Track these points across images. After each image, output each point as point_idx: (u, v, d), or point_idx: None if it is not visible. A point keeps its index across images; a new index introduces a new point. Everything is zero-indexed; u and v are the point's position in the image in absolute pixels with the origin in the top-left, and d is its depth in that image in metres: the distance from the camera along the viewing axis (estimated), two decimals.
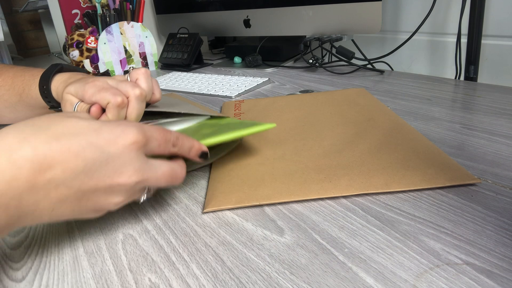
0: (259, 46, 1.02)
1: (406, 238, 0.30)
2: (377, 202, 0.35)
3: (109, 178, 0.29)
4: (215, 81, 0.84)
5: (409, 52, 0.93)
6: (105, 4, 1.05)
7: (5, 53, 1.23)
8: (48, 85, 0.49)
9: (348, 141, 0.46)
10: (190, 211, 0.37)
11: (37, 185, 0.27)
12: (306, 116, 0.56)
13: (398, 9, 0.92)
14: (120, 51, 1.06)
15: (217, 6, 1.07)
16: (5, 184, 0.25)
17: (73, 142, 0.28)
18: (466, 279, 0.25)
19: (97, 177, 0.29)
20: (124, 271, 0.30)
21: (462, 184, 0.36)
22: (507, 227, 0.30)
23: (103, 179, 0.29)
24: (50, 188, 0.27)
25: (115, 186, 0.30)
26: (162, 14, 1.24)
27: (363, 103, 0.59)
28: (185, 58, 1.04)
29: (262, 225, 0.33)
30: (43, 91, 0.50)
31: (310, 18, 0.89)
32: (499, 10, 0.74)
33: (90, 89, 0.43)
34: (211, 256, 0.30)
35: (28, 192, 0.26)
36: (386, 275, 0.26)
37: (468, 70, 0.75)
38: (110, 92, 0.42)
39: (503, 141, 0.45)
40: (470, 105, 0.57)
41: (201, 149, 0.37)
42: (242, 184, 0.39)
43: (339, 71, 0.86)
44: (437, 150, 0.42)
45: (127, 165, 0.30)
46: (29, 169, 0.26)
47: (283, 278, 0.27)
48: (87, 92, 0.43)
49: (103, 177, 0.29)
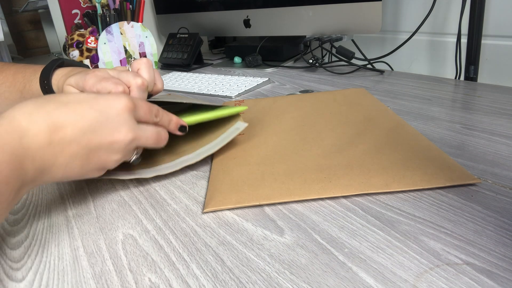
0: (259, 46, 1.02)
1: (406, 238, 0.30)
2: (377, 202, 0.35)
3: (109, 136, 0.35)
4: (215, 81, 0.84)
5: (409, 52, 0.93)
6: (105, 4, 1.05)
7: (5, 53, 1.23)
8: (49, 79, 0.50)
9: (348, 141, 0.46)
10: (190, 211, 0.37)
11: (54, 142, 0.32)
12: (306, 116, 0.56)
13: (398, 9, 0.92)
14: (120, 51, 1.06)
15: (217, 6, 1.07)
16: (30, 139, 0.31)
17: (78, 107, 0.34)
18: (466, 279, 0.25)
19: (100, 135, 0.35)
20: (124, 271, 0.30)
21: (462, 184, 0.36)
22: (507, 227, 0.30)
23: (105, 137, 0.35)
24: (64, 144, 0.33)
25: (114, 143, 0.36)
26: (162, 14, 1.24)
27: (363, 103, 0.59)
28: (185, 58, 1.04)
29: (262, 225, 0.33)
30: (44, 86, 0.50)
31: (310, 18, 0.89)
32: (499, 10, 0.74)
33: (91, 79, 0.44)
34: (211, 256, 0.30)
35: (47, 147, 0.32)
36: (386, 275, 0.26)
37: (468, 70, 0.75)
38: (111, 81, 0.44)
39: (503, 141, 0.45)
40: (470, 105, 0.57)
41: (179, 123, 0.43)
42: (242, 184, 0.39)
43: (339, 71, 0.86)
44: (437, 150, 0.42)
45: (123, 124, 0.36)
46: (46, 128, 0.32)
47: (283, 278, 0.27)
48: (88, 82, 0.44)
49: (105, 135, 0.35)
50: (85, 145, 0.34)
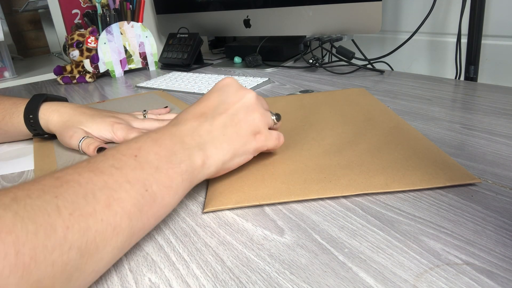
0: (259, 46, 1.02)
1: (406, 238, 0.30)
2: (377, 202, 0.35)
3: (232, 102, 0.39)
4: (215, 81, 0.84)
5: (409, 52, 0.93)
6: (105, 4, 1.05)
7: (5, 53, 1.23)
8: (36, 115, 0.54)
9: (348, 141, 0.46)
10: (190, 211, 0.37)
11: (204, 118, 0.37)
12: (306, 116, 0.56)
13: (398, 9, 0.92)
14: (120, 51, 1.06)
15: (217, 6, 1.07)
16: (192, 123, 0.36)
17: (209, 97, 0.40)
18: (466, 279, 0.25)
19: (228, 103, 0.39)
20: (124, 271, 0.30)
21: (462, 184, 0.36)
22: (507, 227, 0.30)
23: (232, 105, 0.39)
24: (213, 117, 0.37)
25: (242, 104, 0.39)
26: (162, 14, 1.24)
27: (363, 103, 0.59)
28: (185, 58, 1.04)
29: (262, 225, 0.33)
30: (29, 120, 0.54)
31: (310, 18, 0.89)
32: (499, 10, 0.74)
33: (118, 131, 0.53)
34: (211, 256, 0.30)
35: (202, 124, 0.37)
36: (386, 275, 0.26)
37: (468, 70, 0.75)
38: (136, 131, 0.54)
39: (503, 141, 0.45)
40: (470, 105, 0.57)
41: None
42: (242, 184, 0.39)
43: (339, 71, 0.86)
44: (437, 150, 0.42)
45: None
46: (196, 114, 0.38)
47: (283, 278, 0.27)
48: (117, 133, 0.53)
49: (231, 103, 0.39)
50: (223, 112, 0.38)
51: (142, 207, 0.29)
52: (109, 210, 0.26)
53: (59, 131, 0.53)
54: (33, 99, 0.55)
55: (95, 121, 0.54)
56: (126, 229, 0.27)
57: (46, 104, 0.55)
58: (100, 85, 0.98)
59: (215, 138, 0.36)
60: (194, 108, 0.39)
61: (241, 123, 0.38)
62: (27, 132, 0.56)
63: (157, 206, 0.30)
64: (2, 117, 0.56)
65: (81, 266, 0.24)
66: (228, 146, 0.37)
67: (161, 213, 0.31)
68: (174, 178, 0.31)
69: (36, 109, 0.54)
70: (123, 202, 0.27)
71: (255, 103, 0.40)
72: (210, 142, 0.36)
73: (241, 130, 0.38)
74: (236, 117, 0.38)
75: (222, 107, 0.38)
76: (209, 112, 0.38)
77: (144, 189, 0.29)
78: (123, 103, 0.77)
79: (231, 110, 0.38)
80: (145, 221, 0.29)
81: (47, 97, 0.56)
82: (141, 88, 0.90)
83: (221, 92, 0.40)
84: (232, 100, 0.39)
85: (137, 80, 1.00)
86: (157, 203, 0.30)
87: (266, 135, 0.40)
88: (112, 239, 0.26)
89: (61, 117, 0.54)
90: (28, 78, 1.22)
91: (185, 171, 0.33)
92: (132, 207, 0.28)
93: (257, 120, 0.39)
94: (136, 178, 0.29)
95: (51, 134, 0.56)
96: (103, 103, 0.78)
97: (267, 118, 0.40)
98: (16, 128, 0.56)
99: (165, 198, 0.31)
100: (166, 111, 0.64)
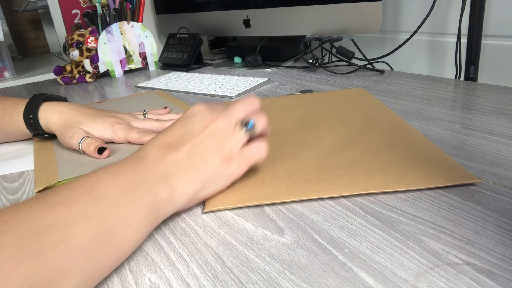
0: (259, 46, 1.02)
1: (406, 238, 0.30)
2: (377, 202, 0.35)
3: None
4: (215, 81, 0.84)
5: (409, 52, 0.93)
6: (105, 4, 1.05)
7: (5, 53, 1.23)
8: (35, 114, 0.54)
9: (348, 141, 0.46)
10: (190, 211, 0.37)
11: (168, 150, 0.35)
12: (306, 116, 0.56)
13: (398, 9, 0.92)
14: (120, 51, 1.06)
15: (217, 6, 1.07)
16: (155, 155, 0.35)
17: None
18: (466, 279, 0.25)
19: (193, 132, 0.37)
20: (124, 271, 0.30)
21: (462, 184, 0.36)
22: (507, 227, 0.30)
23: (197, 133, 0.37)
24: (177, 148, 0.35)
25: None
26: (162, 14, 1.24)
27: (363, 103, 0.59)
28: (185, 58, 1.04)
29: (262, 225, 0.33)
30: (29, 120, 0.54)
31: (310, 18, 0.89)
32: (499, 10, 0.74)
33: (119, 131, 0.54)
34: (211, 256, 0.30)
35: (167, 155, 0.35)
36: (386, 275, 0.26)
37: (468, 70, 0.75)
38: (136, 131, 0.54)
39: (503, 141, 0.45)
40: (470, 105, 0.57)
41: None
42: (242, 184, 0.39)
43: (339, 71, 0.86)
44: (437, 150, 0.42)
45: None
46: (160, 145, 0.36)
47: (283, 278, 0.27)
48: (117, 133, 0.54)
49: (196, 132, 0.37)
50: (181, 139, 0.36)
51: (100, 243, 0.27)
52: (61, 247, 0.24)
53: (59, 131, 0.53)
54: (33, 99, 0.55)
55: (95, 121, 0.54)
56: (83, 266, 0.25)
57: (46, 104, 0.55)
58: (100, 85, 0.98)
59: (181, 169, 0.34)
60: (158, 139, 0.37)
61: (209, 151, 0.36)
62: (27, 132, 0.56)
63: (118, 243, 0.28)
64: (2, 117, 0.56)
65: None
66: (196, 176, 0.35)
67: (123, 250, 0.29)
68: (135, 212, 0.29)
69: (36, 109, 0.54)
70: (75, 240, 0.25)
71: (222, 128, 0.37)
72: (176, 174, 0.34)
73: (209, 158, 0.36)
74: (202, 146, 0.36)
75: (187, 137, 0.36)
76: (173, 143, 0.36)
77: (101, 224, 0.27)
78: (123, 103, 0.77)
79: (197, 139, 0.36)
80: (104, 259, 0.27)
81: (47, 97, 0.56)
82: (141, 88, 0.90)
83: (187, 122, 0.38)
84: (198, 128, 0.37)
85: (137, 80, 1.00)
86: (117, 240, 0.28)
87: (241, 157, 0.37)
88: (68, 277, 0.24)
89: (61, 117, 0.54)
90: (28, 78, 1.22)
91: (148, 205, 0.31)
92: (88, 243, 0.26)
93: (226, 145, 0.37)
94: (91, 213, 0.27)
95: (51, 134, 0.56)
96: (103, 103, 0.78)
97: (236, 140, 0.37)
98: (16, 128, 0.56)
99: (127, 233, 0.29)
100: (166, 111, 0.64)
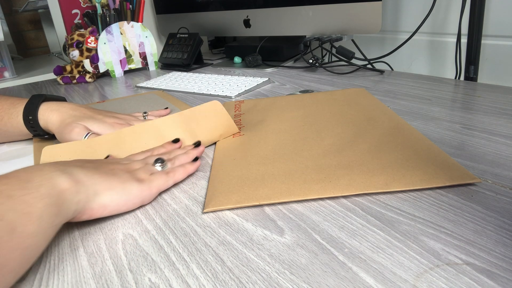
0: (259, 46, 1.02)
1: (406, 238, 0.30)
2: (377, 202, 0.35)
3: None
4: (215, 81, 0.84)
5: (409, 52, 0.93)
6: (105, 4, 1.05)
7: (5, 53, 1.23)
8: (35, 115, 0.54)
9: (348, 141, 0.46)
10: (190, 211, 0.37)
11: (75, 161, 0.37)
12: (306, 116, 0.56)
13: (398, 9, 0.92)
14: (120, 51, 1.06)
15: (217, 6, 1.07)
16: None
17: None
18: (466, 279, 0.25)
19: None
20: (124, 271, 0.30)
21: (462, 184, 0.36)
22: (507, 227, 0.30)
23: None
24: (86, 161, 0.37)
25: None
26: (162, 14, 1.24)
27: (363, 103, 0.59)
28: (185, 58, 1.04)
29: (262, 225, 0.33)
30: (29, 121, 0.54)
31: (310, 18, 0.89)
32: (499, 10, 0.74)
33: None
34: (211, 256, 0.30)
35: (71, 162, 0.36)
36: (386, 275, 0.26)
37: (468, 70, 0.75)
38: None
39: (503, 141, 0.45)
40: (470, 105, 0.57)
41: None
42: (242, 184, 0.39)
43: (339, 71, 0.86)
44: (437, 150, 0.42)
45: None
46: None
47: (283, 278, 0.27)
48: None
49: None
50: None
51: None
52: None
53: (58, 130, 0.53)
54: (32, 100, 0.55)
55: (96, 121, 0.53)
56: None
57: (45, 105, 0.55)
58: (100, 85, 0.98)
59: (85, 168, 0.35)
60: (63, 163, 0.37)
61: (118, 169, 0.38)
62: (27, 132, 0.56)
63: (20, 236, 0.27)
64: (1, 118, 0.56)
65: None
66: (101, 178, 0.35)
67: (27, 243, 0.27)
68: (33, 203, 0.28)
69: (35, 110, 0.54)
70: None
71: (133, 162, 0.41)
72: (79, 170, 0.34)
73: (117, 172, 0.37)
74: (112, 166, 0.38)
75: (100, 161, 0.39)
76: (85, 163, 0.37)
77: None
78: (123, 103, 0.77)
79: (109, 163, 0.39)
80: (6, 253, 0.26)
81: (46, 97, 0.56)
82: (141, 88, 0.90)
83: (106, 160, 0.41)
84: (111, 161, 0.40)
85: (137, 80, 1.00)
86: (18, 233, 0.27)
87: (150, 181, 0.39)
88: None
89: (60, 116, 0.54)
90: (28, 78, 1.22)
91: (47, 195, 0.30)
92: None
93: (137, 171, 0.39)
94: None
95: (51, 134, 0.56)
96: (103, 103, 0.78)
97: (147, 169, 0.40)
98: (16, 128, 0.56)
99: (27, 226, 0.27)
100: (167, 112, 0.64)
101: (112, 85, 0.97)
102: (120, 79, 1.03)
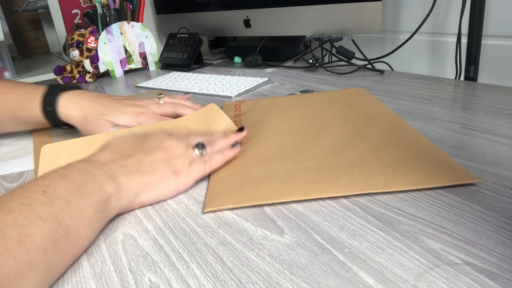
0: (259, 46, 1.02)
1: (406, 238, 0.30)
2: (377, 202, 0.35)
3: None
4: (215, 81, 0.84)
5: (409, 52, 0.93)
6: (105, 4, 1.05)
7: (5, 53, 1.23)
8: (54, 107, 0.54)
9: (348, 141, 0.46)
10: (190, 211, 0.37)
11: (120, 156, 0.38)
12: (306, 116, 0.56)
13: (398, 9, 0.92)
14: (120, 51, 1.06)
15: (217, 6, 1.07)
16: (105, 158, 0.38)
17: None
18: (466, 279, 0.25)
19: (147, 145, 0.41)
20: (124, 271, 0.30)
21: (462, 184, 0.36)
22: (507, 227, 0.30)
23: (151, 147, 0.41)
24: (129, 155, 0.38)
25: None
26: (162, 14, 1.24)
27: (363, 103, 0.59)
28: (185, 58, 1.04)
29: (262, 225, 0.33)
30: (48, 112, 0.54)
31: (310, 18, 0.89)
32: (499, 10, 0.74)
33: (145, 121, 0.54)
34: (211, 256, 0.30)
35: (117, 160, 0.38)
36: (386, 275, 0.26)
37: (468, 70, 0.75)
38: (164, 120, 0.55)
39: (503, 141, 0.45)
40: (470, 105, 0.57)
41: None
42: (242, 184, 0.39)
43: (339, 71, 0.86)
44: (437, 149, 0.42)
45: None
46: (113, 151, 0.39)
47: (283, 278, 0.27)
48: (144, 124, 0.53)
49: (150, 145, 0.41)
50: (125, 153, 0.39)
51: (57, 241, 0.28)
52: (21, 246, 0.26)
53: (82, 126, 0.54)
54: (50, 91, 0.54)
55: (118, 113, 0.53)
56: (44, 264, 0.27)
57: (63, 96, 0.54)
58: (100, 85, 0.98)
59: (128, 171, 0.37)
60: (112, 146, 0.39)
61: (158, 162, 0.39)
62: (46, 122, 0.56)
63: (73, 239, 0.30)
64: (17, 107, 0.55)
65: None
66: (141, 179, 0.37)
67: (79, 245, 0.31)
68: (86, 210, 0.31)
69: (54, 102, 0.53)
70: (36, 238, 0.27)
71: (174, 146, 0.41)
72: (122, 174, 0.36)
73: (157, 167, 0.38)
74: (153, 157, 0.39)
75: (141, 148, 0.40)
76: (126, 151, 0.39)
77: (57, 223, 0.29)
78: None
79: (149, 151, 0.39)
80: (63, 254, 0.29)
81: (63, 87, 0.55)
82: (141, 88, 0.90)
83: (144, 137, 0.42)
84: (152, 143, 0.40)
85: (137, 80, 1.00)
86: (72, 236, 0.30)
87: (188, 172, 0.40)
88: (30, 275, 0.26)
89: (81, 111, 0.53)
90: (28, 78, 1.22)
91: (97, 202, 0.33)
92: (47, 242, 0.28)
93: (175, 160, 0.40)
94: (47, 213, 0.29)
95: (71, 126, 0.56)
96: None
97: (184, 157, 0.40)
98: (33, 118, 0.56)
99: (79, 230, 0.31)
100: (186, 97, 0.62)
101: (112, 85, 0.97)
102: (120, 79, 1.03)
